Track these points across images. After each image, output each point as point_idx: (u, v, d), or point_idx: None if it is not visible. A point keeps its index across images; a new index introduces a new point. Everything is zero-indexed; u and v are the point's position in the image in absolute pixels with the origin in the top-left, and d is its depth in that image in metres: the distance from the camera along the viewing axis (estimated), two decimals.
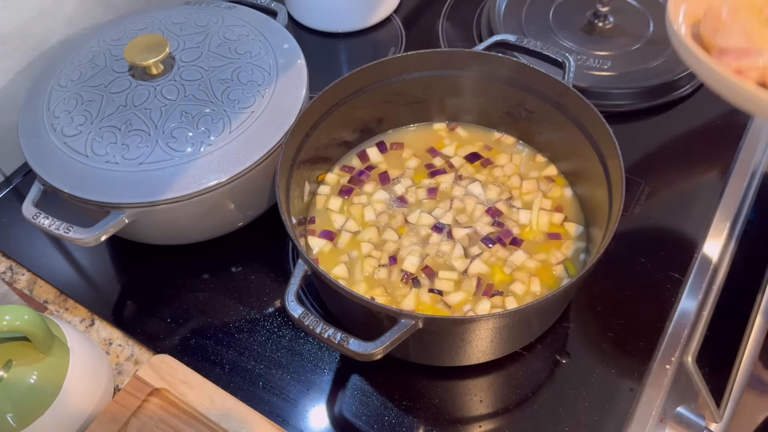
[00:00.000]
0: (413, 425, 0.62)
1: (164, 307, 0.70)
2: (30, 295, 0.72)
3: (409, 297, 0.64)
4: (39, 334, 0.53)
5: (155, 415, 0.60)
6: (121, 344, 0.68)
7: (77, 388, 0.57)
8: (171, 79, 0.68)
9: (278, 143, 0.66)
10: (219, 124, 0.66)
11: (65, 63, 0.72)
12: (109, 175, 0.63)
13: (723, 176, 0.77)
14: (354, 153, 0.76)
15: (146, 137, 0.65)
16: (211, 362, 0.66)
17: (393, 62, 0.71)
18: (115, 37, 0.74)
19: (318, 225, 0.71)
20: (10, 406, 0.53)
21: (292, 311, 0.53)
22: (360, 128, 0.76)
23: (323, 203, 0.72)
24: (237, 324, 0.69)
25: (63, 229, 0.62)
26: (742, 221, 0.75)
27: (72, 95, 0.69)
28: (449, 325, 0.56)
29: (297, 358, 0.66)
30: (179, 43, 0.72)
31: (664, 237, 0.73)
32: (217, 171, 0.64)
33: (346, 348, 0.52)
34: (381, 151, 0.76)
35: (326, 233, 0.70)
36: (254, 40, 0.73)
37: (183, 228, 0.70)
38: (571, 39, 0.89)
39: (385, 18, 0.98)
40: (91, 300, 0.72)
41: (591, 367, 0.64)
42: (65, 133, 0.66)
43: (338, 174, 0.75)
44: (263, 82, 0.69)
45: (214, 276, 0.73)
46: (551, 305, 0.61)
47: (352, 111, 0.72)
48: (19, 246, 0.76)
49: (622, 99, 0.84)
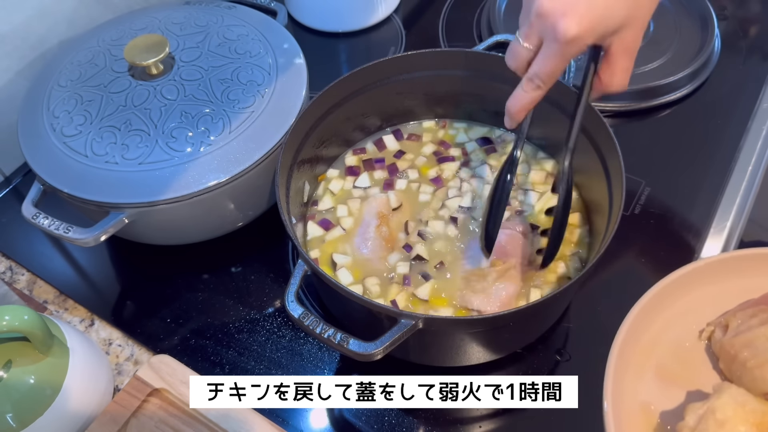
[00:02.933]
0: (413, 425, 0.62)
1: (164, 307, 0.70)
2: (30, 295, 0.72)
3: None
4: (39, 335, 0.53)
5: (155, 415, 0.60)
6: (120, 344, 0.68)
7: (77, 389, 0.56)
8: (171, 79, 0.68)
9: (278, 143, 0.66)
10: (219, 124, 0.65)
11: (65, 63, 0.72)
12: (109, 175, 0.63)
13: (723, 176, 0.77)
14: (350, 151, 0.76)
15: (146, 137, 0.64)
16: (211, 362, 0.66)
17: (393, 62, 0.71)
18: (114, 36, 0.74)
19: (319, 210, 0.71)
20: (9, 407, 0.53)
21: (292, 311, 0.53)
22: (360, 128, 0.76)
23: (327, 186, 0.73)
24: (237, 324, 0.69)
25: (62, 229, 0.62)
26: (743, 221, 0.75)
27: (72, 95, 0.69)
28: (449, 326, 0.56)
29: (297, 358, 0.66)
30: (179, 43, 0.72)
31: (664, 237, 0.73)
32: (216, 171, 0.63)
33: (346, 348, 0.51)
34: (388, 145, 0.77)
35: (325, 222, 0.70)
36: (254, 39, 0.73)
37: (183, 228, 0.70)
38: None
39: (385, 18, 0.98)
40: (91, 300, 0.72)
41: (591, 367, 0.64)
42: (65, 133, 0.66)
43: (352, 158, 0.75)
44: (263, 82, 0.69)
45: (214, 276, 0.73)
46: (551, 305, 0.60)
47: (351, 111, 0.72)
48: (18, 246, 0.76)
49: (622, 99, 0.84)
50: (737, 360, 0.50)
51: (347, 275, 0.66)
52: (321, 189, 0.73)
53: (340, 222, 0.70)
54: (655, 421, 0.54)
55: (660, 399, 0.56)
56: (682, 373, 0.57)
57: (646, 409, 0.55)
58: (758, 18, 0.97)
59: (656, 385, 0.56)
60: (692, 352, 0.58)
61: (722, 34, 0.91)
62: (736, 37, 0.93)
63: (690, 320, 0.59)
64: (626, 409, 0.53)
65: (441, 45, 0.94)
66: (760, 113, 0.83)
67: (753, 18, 0.96)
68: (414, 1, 1.01)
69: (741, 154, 0.79)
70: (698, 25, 0.90)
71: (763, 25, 0.95)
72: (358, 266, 0.67)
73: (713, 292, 0.59)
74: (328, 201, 0.72)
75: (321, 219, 0.71)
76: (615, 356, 0.53)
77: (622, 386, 0.54)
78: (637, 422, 0.54)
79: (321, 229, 0.70)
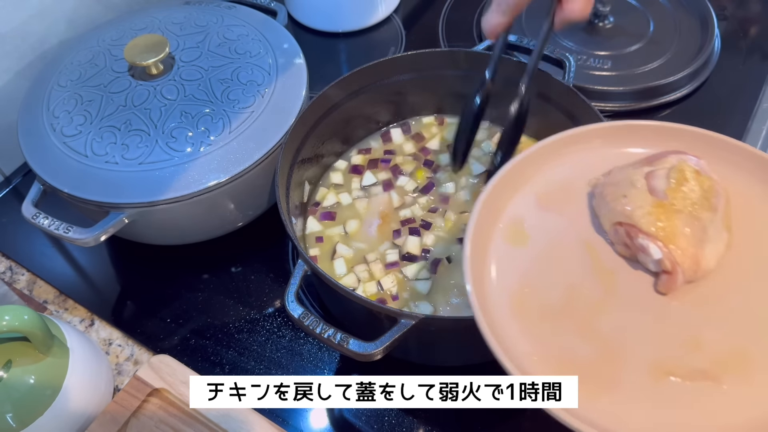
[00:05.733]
0: (413, 426, 0.62)
1: (164, 307, 0.70)
2: (30, 296, 0.72)
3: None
4: (39, 335, 0.53)
5: (155, 415, 0.60)
6: (120, 344, 0.68)
7: (77, 389, 0.56)
8: (171, 79, 0.68)
9: (278, 143, 0.66)
10: (219, 124, 0.65)
11: (65, 63, 0.72)
12: (109, 175, 0.63)
13: None
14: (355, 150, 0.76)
15: (146, 137, 0.64)
16: (211, 362, 0.66)
17: (393, 62, 0.71)
18: (114, 36, 0.74)
19: (323, 207, 0.72)
20: (9, 407, 0.53)
21: (292, 311, 0.53)
22: (359, 128, 0.76)
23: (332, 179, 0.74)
24: (237, 324, 0.69)
25: (62, 229, 0.62)
26: None
27: (72, 95, 0.68)
28: (449, 326, 0.56)
29: (297, 358, 0.66)
30: (179, 43, 0.72)
31: None
32: (216, 171, 0.63)
33: (346, 348, 0.51)
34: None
35: (327, 214, 0.70)
36: (254, 39, 0.73)
37: (183, 228, 0.70)
38: (571, 39, 0.89)
39: (385, 18, 0.98)
40: (91, 300, 0.72)
41: None
42: (65, 132, 0.66)
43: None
44: (263, 82, 0.69)
45: (213, 276, 0.73)
46: None
47: (351, 111, 0.72)
48: (18, 246, 0.76)
49: (622, 99, 0.84)
50: (602, 196, 0.50)
51: (342, 266, 0.67)
52: (322, 187, 0.73)
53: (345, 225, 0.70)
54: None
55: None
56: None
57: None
58: (758, 18, 0.97)
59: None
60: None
61: (722, 34, 0.91)
62: (736, 37, 0.93)
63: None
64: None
65: (441, 45, 0.94)
66: (760, 113, 0.83)
67: (753, 18, 0.96)
68: (414, 1, 1.01)
69: None
70: (698, 25, 0.90)
71: (763, 25, 0.95)
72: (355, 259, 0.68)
73: (612, 154, 0.55)
74: (331, 198, 0.72)
75: (322, 213, 0.71)
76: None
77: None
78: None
79: (320, 225, 0.70)
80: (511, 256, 0.49)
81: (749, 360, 0.44)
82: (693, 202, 0.47)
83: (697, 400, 0.42)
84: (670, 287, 0.47)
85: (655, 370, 0.44)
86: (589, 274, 0.48)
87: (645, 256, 0.47)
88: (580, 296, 0.47)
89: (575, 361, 0.44)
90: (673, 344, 0.45)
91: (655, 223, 0.46)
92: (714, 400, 0.42)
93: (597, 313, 0.46)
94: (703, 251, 0.46)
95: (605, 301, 0.47)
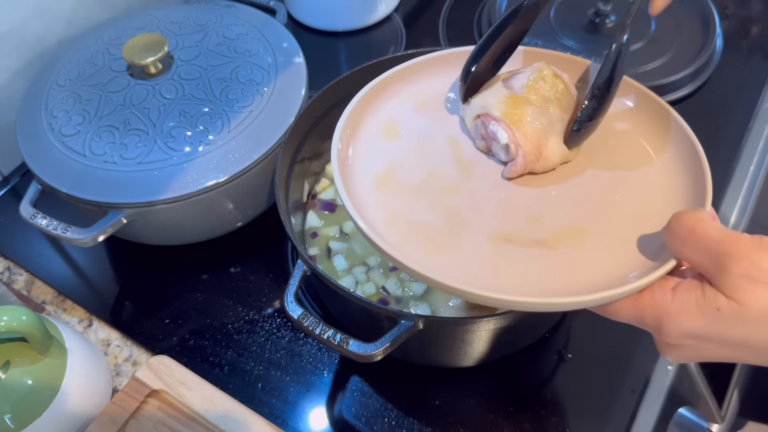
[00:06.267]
0: (413, 426, 0.61)
1: (163, 307, 0.70)
2: (28, 296, 0.72)
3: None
4: (37, 335, 0.53)
5: (154, 416, 0.60)
6: (119, 345, 0.68)
7: (75, 390, 0.56)
8: (169, 78, 0.68)
9: (277, 143, 0.66)
10: (218, 124, 0.65)
11: (63, 62, 0.72)
12: (108, 175, 0.63)
13: (725, 176, 0.77)
14: None
15: (145, 137, 0.64)
16: (210, 363, 0.66)
17: (393, 61, 0.70)
18: (113, 35, 0.74)
19: (321, 199, 0.72)
20: (8, 408, 0.53)
21: (292, 312, 0.53)
22: None
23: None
24: (236, 325, 0.69)
25: (61, 229, 0.62)
26: (744, 222, 0.75)
27: (70, 94, 0.68)
28: (449, 326, 0.56)
29: (296, 359, 0.66)
30: (178, 42, 0.71)
31: None
32: (215, 170, 0.63)
33: (346, 349, 0.51)
34: None
35: (327, 205, 0.70)
36: (253, 38, 0.73)
37: (181, 228, 0.69)
38: (572, 38, 0.89)
39: (385, 17, 0.98)
40: (90, 300, 0.71)
41: (592, 368, 0.64)
42: (63, 132, 0.66)
43: None
44: (262, 81, 0.69)
45: (212, 276, 0.72)
46: None
47: None
48: (16, 246, 0.76)
49: None
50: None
51: (342, 262, 0.66)
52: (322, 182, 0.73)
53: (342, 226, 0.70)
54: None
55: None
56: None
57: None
58: (760, 17, 0.96)
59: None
60: None
61: (724, 33, 0.91)
62: (737, 37, 0.93)
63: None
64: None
65: (442, 44, 0.94)
66: (762, 113, 0.83)
67: (755, 17, 0.96)
68: (414, 0, 1.01)
69: (743, 154, 0.79)
70: (700, 24, 0.90)
71: (765, 25, 0.95)
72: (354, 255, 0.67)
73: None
74: (331, 191, 0.72)
75: (322, 204, 0.71)
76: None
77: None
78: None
79: (320, 222, 0.70)
80: (382, 147, 0.55)
81: (583, 235, 0.48)
82: (546, 98, 0.51)
83: (532, 263, 0.47)
84: (514, 171, 0.51)
85: (495, 239, 0.48)
86: (448, 164, 0.54)
87: (497, 145, 0.52)
88: (437, 179, 0.53)
89: (422, 227, 0.49)
90: (515, 220, 0.49)
91: (504, 109, 0.51)
92: (547, 264, 0.47)
93: (449, 194, 0.52)
94: (546, 141, 0.51)
95: (458, 185, 0.52)
